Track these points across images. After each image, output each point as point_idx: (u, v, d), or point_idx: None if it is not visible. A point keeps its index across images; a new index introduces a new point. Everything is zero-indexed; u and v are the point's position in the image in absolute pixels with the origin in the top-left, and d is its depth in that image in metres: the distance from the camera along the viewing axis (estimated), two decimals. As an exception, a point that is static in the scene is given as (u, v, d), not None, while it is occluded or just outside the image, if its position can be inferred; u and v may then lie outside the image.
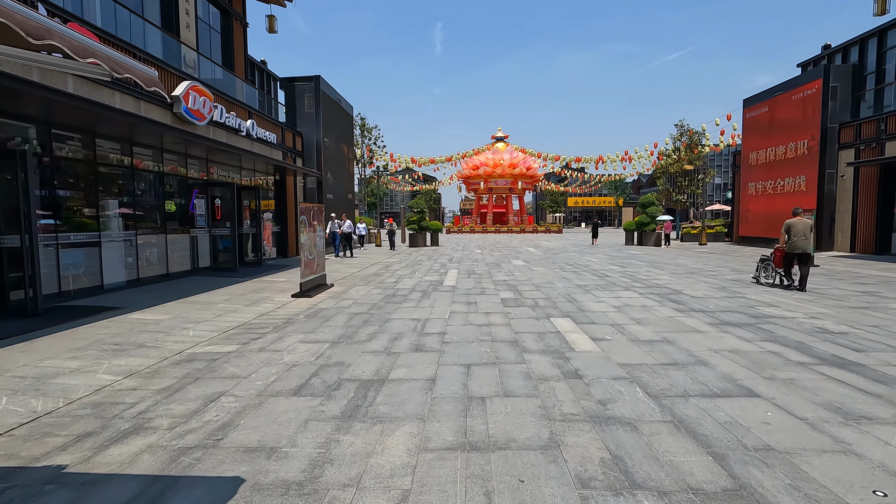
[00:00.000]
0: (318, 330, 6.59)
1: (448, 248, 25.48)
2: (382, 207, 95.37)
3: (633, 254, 20.70)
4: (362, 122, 35.28)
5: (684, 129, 34.81)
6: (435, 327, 6.68)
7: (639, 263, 16.13)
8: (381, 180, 66.60)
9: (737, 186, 26.53)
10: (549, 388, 4.24)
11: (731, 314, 7.39)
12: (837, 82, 18.86)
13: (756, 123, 23.56)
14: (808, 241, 9.89)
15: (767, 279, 10.98)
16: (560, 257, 19.13)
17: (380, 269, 14.94)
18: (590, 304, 8.40)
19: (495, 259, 18.40)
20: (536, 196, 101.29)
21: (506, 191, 57.92)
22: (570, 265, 15.71)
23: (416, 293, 9.86)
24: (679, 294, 9.41)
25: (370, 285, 11.12)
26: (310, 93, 19.37)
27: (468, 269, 14.49)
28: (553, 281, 11.61)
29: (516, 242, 32.40)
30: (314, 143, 19.56)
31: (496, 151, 57.18)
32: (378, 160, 38.21)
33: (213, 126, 12.79)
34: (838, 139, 18.82)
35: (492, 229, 53.94)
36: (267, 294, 9.69)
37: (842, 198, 18.76)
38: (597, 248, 25.47)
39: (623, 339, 5.89)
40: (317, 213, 10.39)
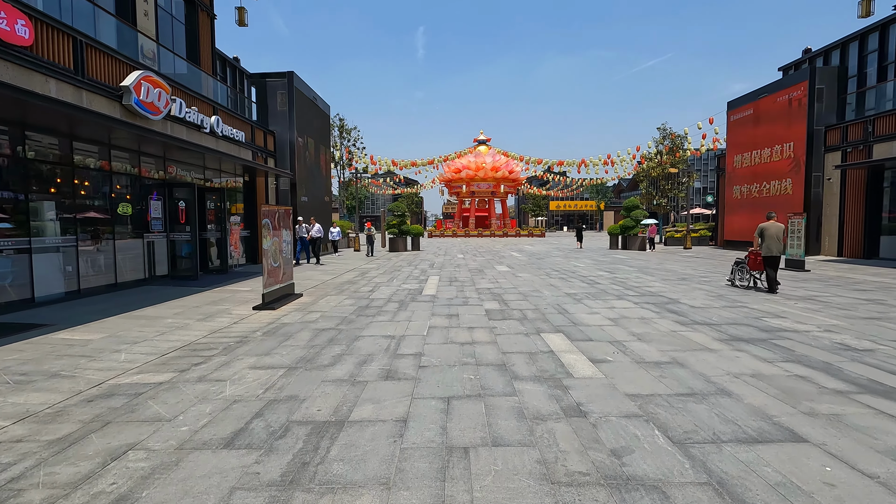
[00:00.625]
0: (274, 351, 5.67)
1: (429, 253, 24.63)
2: (364, 211, 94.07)
3: (619, 258, 20.15)
4: (341, 122, 34.26)
5: (667, 133, 34.67)
6: (411, 346, 5.83)
7: (627, 269, 15.53)
8: (362, 183, 65.51)
9: (721, 190, 26.31)
10: (547, 431, 3.43)
11: (739, 327, 6.70)
12: (823, 84, 18.65)
13: (740, 126, 23.33)
14: (781, 245, 10.21)
15: (742, 282, 11.14)
16: (545, 262, 18.45)
17: (356, 276, 14.01)
18: (583, 316, 7.64)
19: (478, 265, 17.61)
20: (519, 200, 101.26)
21: (488, 194, 57.38)
22: (557, 271, 15.01)
23: (393, 304, 8.98)
24: (676, 304, 8.73)
25: (343, 295, 10.20)
26: (282, 90, 18.36)
27: (450, 276, 13.66)
28: (540, 289, 10.85)
29: (499, 247, 31.72)
30: (287, 143, 18.53)
31: (478, 154, 56.62)
32: (358, 162, 37.19)
33: (171, 121, 11.73)
34: (824, 142, 18.59)
35: (474, 233, 53.29)
36: (225, 306, 8.70)
37: (828, 201, 18.51)
38: (582, 252, 24.92)
39: (626, 361, 5.12)
40: (283, 217, 9.45)
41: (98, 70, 9.52)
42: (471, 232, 53.56)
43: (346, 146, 35.23)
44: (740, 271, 11.21)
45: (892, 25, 20.98)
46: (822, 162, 18.67)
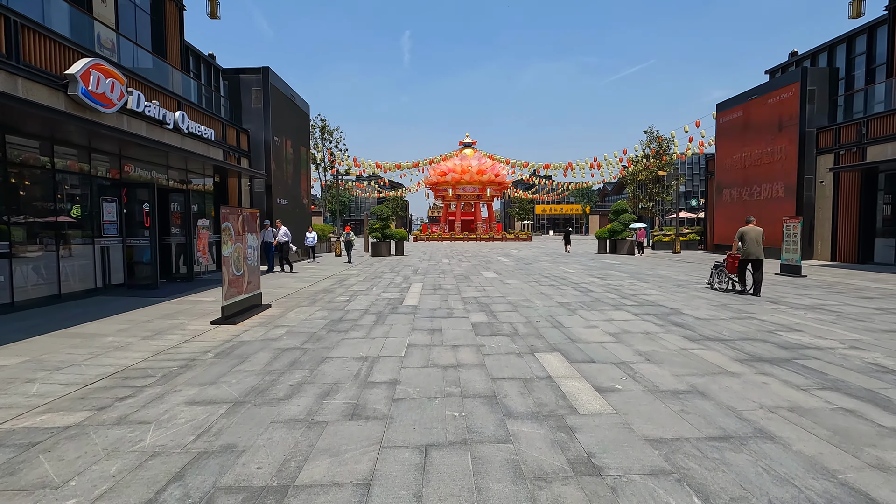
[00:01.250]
0: (223, 379, 4.78)
1: (413, 258, 23.77)
2: (348, 214, 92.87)
3: (609, 263, 19.53)
4: (322, 123, 33.27)
5: (653, 136, 34.38)
6: (385, 371, 4.98)
7: (619, 275, 14.87)
8: (346, 186, 64.39)
9: (710, 193, 25.95)
10: (553, 498, 2.61)
11: (755, 344, 5.99)
12: (815, 86, 18.32)
13: (730, 128, 22.98)
14: (761, 248, 10.36)
15: (721, 285, 11.29)
16: (534, 268, 17.73)
17: (333, 283, 13.09)
18: (580, 330, 6.88)
19: (464, 270, 16.81)
20: (505, 203, 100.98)
21: (474, 198, 56.74)
22: (547, 277, 14.28)
23: (370, 316, 8.12)
24: (680, 315, 8.03)
25: (316, 305, 9.30)
26: (257, 86, 17.38)
27: (434, 284, 12.83)
28: (531, 298, 10.08)
29: (486, 251, 31.00)
30: (262, 142, 17.54)
31: (464, 157, 56.00)
32: (340, 164, 36.20)
33: (128, 116, 10.73)
34: (816, 144, 18.24)
35: (460, 237, 52.58)
36: (180, 320, 7.75)
37: (821, 204, 18.15)
38: (570, 256, 24.30)
39: (638, 390, 4.34)
40: (248, 220, 8.53)
41: (38, 56, 8.52)
42: (456, 236, 52.83)
43: (327, 148, 34.23)
44: (718, 274, 11.40)
45: (880, 28, 20.82)
46: (815, 164, 18.32)
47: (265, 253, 15.28)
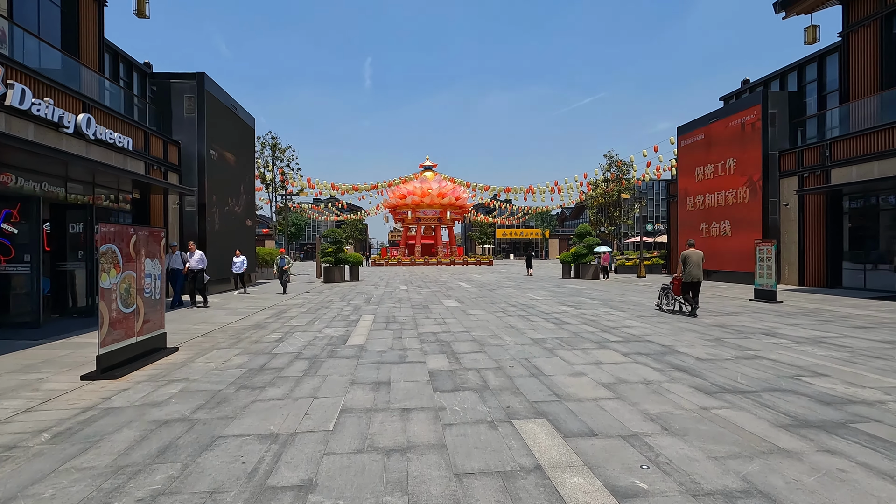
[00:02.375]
0: (33, 487, 3.02)
1: (369, 285, 22.01)
2: (304, 238, 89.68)
3: (576, 289, 18.48)
4: (274, 141, 31.36)
5: (613, 160, 34.41)
6: (298, 463, 3.36)
7: (591, 302, 13.73)
8: (301, 208, 61.94)
9: (672, 217, 25.70)
10: None
11: (786, 397, 4.75)
12: (776, 109, 18.26)
13: (692, 151, 22.84)
14: (701, 271, 10.80)
15: (668, 306, 11.67)
16: (498, 294, 16.40)
17: (270, 316, 11.25)
18: (565, 380, 5.46)
19: (423, 298, 15.26)
20: (465, 227, 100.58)
21: (434, 221, 55.60)
22: (514, 306, 12.94)
23: (301, 363, 6.43)
24: (675, 354, 6.78)
25: (237, 347, 7.50)
26: (191, 93, 15.52)
27: (387, 315, 11.21)
28: (499, 333, 8.65)
29: (446, 276, 29.58)
30: (195, 156, 15.59)
31: (424, 180, 55.01)
32: (293, 185, 34.22)
33: (6, 113, 8.75)
34: (779, 167, 18.07)
35: (420, 261, 51.06)
36: (41, 374, 5.81)
37: (787, 228, 17.86)
38: (534, 281, 23.20)
39: (673, 491, 2.92)
40: (146, 242, 6.74)
41: None
42: (416, 260, 51.30)
43: (279, 167, 32.24)
44: (666, 296, 11.74)
45: (830, 56, 21.32)
46: (778, 187, 18.11)
47: (171, 282, 12.43)
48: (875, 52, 15.90)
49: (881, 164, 14.26)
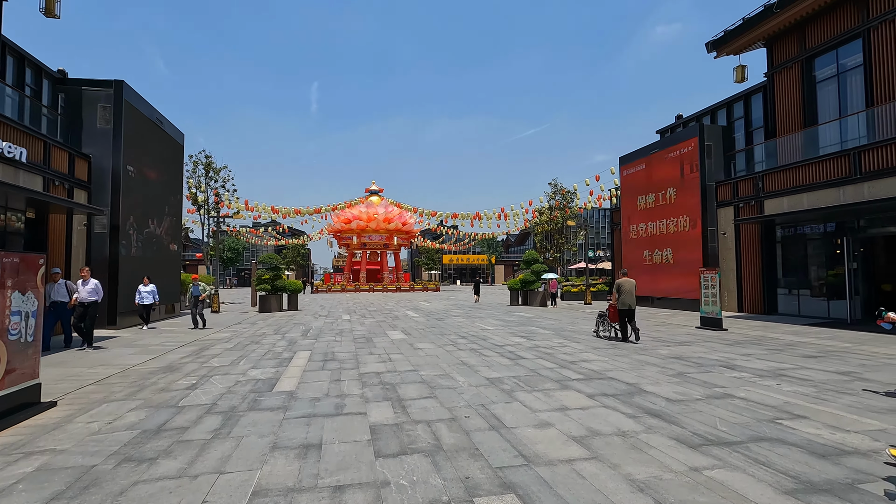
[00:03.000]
0: None
1: (309, 314, 20.54)
2: (242, 264, 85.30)
3: (526, 317, 18.03)
4: (208, 160, 29.37)
5: (558, 188, 35.10)
6: None
7: (543, 332, 13.21)
8: (236, 232, 58.84)
9: (616, 244, 26.19)
10: None
11: (775, 448, 4.22)
12: (711, 141, 19.05)
13: (634, 181, 23.45)
14: (634, 298, 11.16)
15: (605, 332, 12.12)
16: (447, 324, 15.58)
17: (188, 354, 9.79)
18: (530, 434, 4.69)
19: (367, 330, 14.17)
20: (412, 253, 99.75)
21: (380, 246, 54.36)
22: (464, 338, 12.16)
23: (213, 418, 5.27)
24: (642, 394, 6.21)
25: (135, 399, 6.18)
26: (106, 102, 13.90)
27: (326, 352, 10.07)
28: (451, 372, 7.81)
29: (392, 304, 28.45)
30: (109, 172, 13.87)
31: (370, 205, 53.91)
32: (228, 206, 32.12)
33: None
34: (716, 197, 18.74)
35: (365, 288, 49.49)
36: None
37: (725, 256, 18.43)
38: (483, 308, 22.62)
39: None
40: (15, 270, 5.42)
41: None
42: (361, 287, 49.68)
43: (213, 188, 30.17)
44: (603, 323, 12.17)
45: (755, 96, 22.79)
46: (716, 217, 18.74)
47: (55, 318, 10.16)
48: (797, 92, 16.97)
49: (809, 196, 14.98)
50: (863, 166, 13.52)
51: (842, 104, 15.80)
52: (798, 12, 16.28)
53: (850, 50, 15.50)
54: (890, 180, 12.81)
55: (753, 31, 17.83)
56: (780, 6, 16.40)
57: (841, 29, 15.61)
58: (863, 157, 13.54)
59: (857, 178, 13.61)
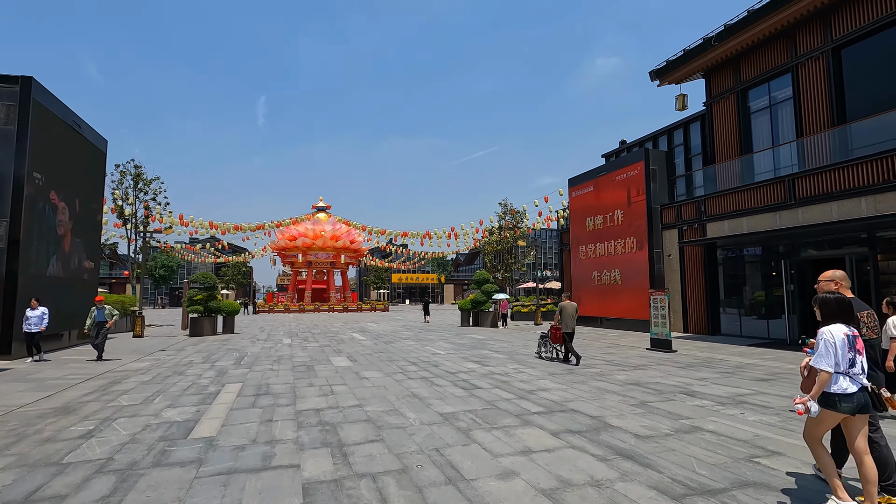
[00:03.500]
0: None
1: (246, 338, 19.01)
2: (176, 282, 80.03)
3: (478, 339, 17.50)
4: (137, 170, 27.18)
5: (507, 208, 35.31)
6: None
7: (497, 356, 12.68)
8: (171, 248, 55.19)
9: (566, 265, 26.39)
10: None
11: (763, 496, 3.80)
12: (656, 166, 19.59)
13: (583, 202, 23.78)
14: (574, 321, 11.53)
15: (547, 353, 12.29)
16: (396, 348, 14.75)
17: (93, 390, 8.43)
18: (493, 487, 4.03)
19: (309, 356, 13.09)
20: (360, 272, 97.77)
21: (327, 265, 52.59)
22: (414, 364, 11.40)
23: (104, 480, 4.24)
24: (609, 430, 5.74)
25: (9, 452, 4.99)
26: (10, 100, 12.25)
27: (260, 384, 9.01)
28: (400, 406, 7.04)
29: (338, 325, 27.15)
30: (10, 178, 12.16)
31: (317, 222, 52.20)
32: (160, 221, 29.82)
33: None
34: (661, 220, 19.20)
35: (310, 308, 47.51)
36: None
37: (670, 277, 18.82)
38: (433, 329, 21.90)
39: None
40: None
41: None
42: (306, 307, 47.64)
43: (143, 200, 27.92)
44: (545, 344, 12.34)
45: (692, 124, 23.90)
46: (661, 239, 19.17)
47: None
48: (734, 121, 17.81)
49: (749, 220, 15.55)
50: (797, 192, 14.17)
51: (774, 134, 16.69)
52: (733, 46, 17.17)
53: (781, 83, 16.46)
54: (822, 206, 13.45)
55: (693, 63, 18.66)
56: (718, 39, 17.24)
57: (772, 64, 16.57)
58: (797, 183, 14.20)
59: (791, 203, 14.23)
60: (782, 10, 15.32)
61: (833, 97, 14.68)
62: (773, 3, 15.47)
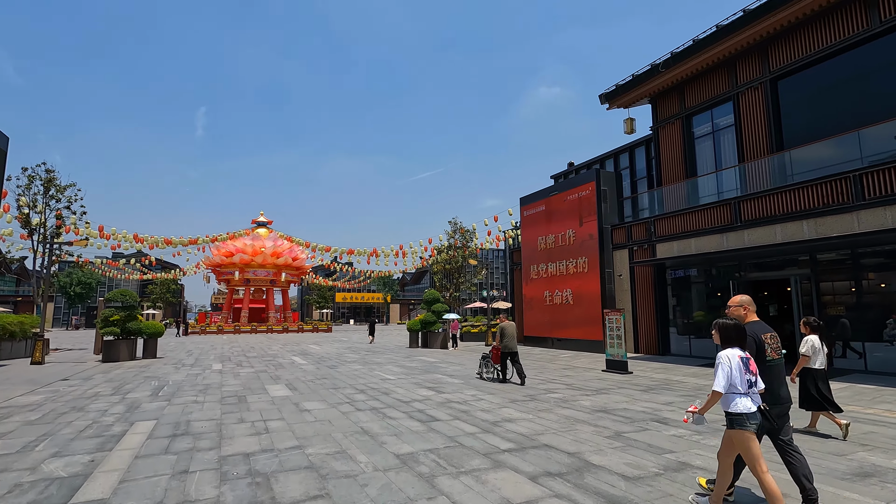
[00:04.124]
0: None
1: (170, 363, 17.01)
2: (94, 300, 73.09)
3: (429, 362, 16.57)
4: (49, 175, 24.29)
5: (457, 227, 34.92)
6: None
7: (452, 381, 11.84)
8: (88, 263, 50.35)
9: (516, 284, 26.10)
10: None
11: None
12: (606, 186, 19.78)
13: (534, 222, 23.68)
14: (515, 341, 11.69)
15: (489, 374, 12.23)
16: (341, 373, 13.54)
17: (-44, 435, 6.74)
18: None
19: (241, 384, 11.64)
20: (303, 290, 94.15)
21: (267, 283, 49.83)
22: (363, 392, 10.32)
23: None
24: (593, 470, 5.03)
25: None
26: None
27: (178, 420, 7.63)
28: (348, 446, 6.02)
29: (278, 347, 25.26)
30: None
31: (257, 238, 49.56)
32: (76, 232, 26.79)
33: None
34: (612, 240, 19.31)
35: (247, 329, 44.59)
36: None
37: (621, 297, 18.85)
38: (380, 352, 20.71)
39: None
40: None
41: None
42: (242, 327, 44.66)
43: (56, 209, 24.95)
44: (486, 365, 12.34)
45: (638, 149, 24.62)
46: (612, 259, 19.24)
47: None
48: (679, 145, 18.33)
49: (697, 241, 15.82)
50: (742, 215, 14.55)
51: (718, 158, 17.27)
52: (679, 74, 17.75)
53: (724, 111, 17.12)
54: (766, 228, 13.84)
55: (641, 88, 19.15)
56: (665, 66, 17.77)
57: (715, 92, 17.23)
58: (742, 206, 14.59)
59: (738, 225, 14.58)
60: (725, 40, 15.98)
61: (772, 125, 15.35)
62: (716, 33, 16.12)
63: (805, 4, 13.94)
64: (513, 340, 11.60)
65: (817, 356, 6.41)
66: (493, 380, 11.88)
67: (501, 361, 11.66)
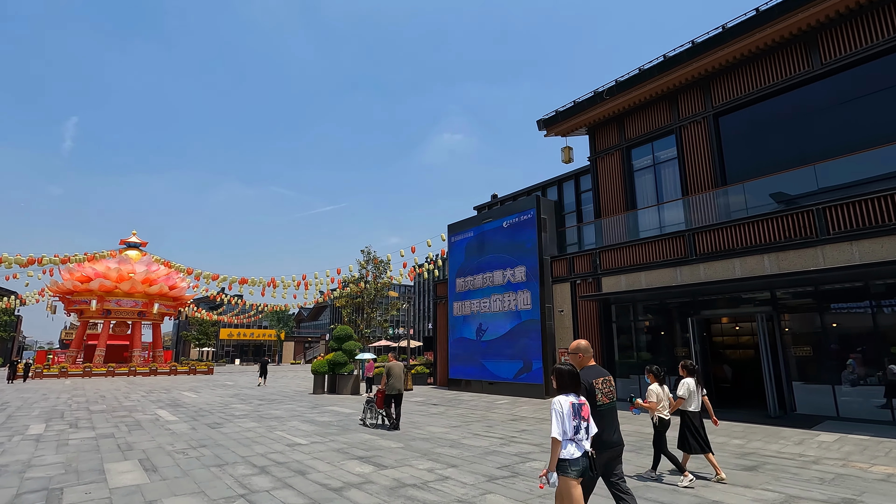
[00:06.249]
0: None
1: (-42, 425, 11.68)
2: None
3: (345, 414, 13.23)
4: None
5: (371, 257, 31.92)
6: None
7: (390, 446, 8.82)
8: None
9: (440, 320, 23.60)
10: None
11: None
12: (546, 215, 18.44)
13: (464, 252, 21.62)
14: (402, 382, 11.05)
15: (373, 419, 11.44)
16: (228, 436, 9.79)
17: None
18: None
19: (64, 462, 7.54)
20: (180, 325, 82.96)
21: (134, 315, 41.85)
22: (263, 471, 6.94)
23: None
24: None
25: None
26: None
27: None
28: None
29: (139, 396, 19.81)
30: None
31: (125, 261, 41.84)
32: None
33: None
34: (552, 272, 17.80)
35: (101, 371, 36.46)
36: None
37: (562, 335, 17.19)
38: (278, 399, 16.70)
39: None
40: None
41: None
42: (96, 369, 36.43)
43: None
44: (371, 409, 11.54)
45: (566, 182, 24.02)
46: (552, 293, 17.66)
47: None
48: (619, 177, 17.63)
49: (647, 275, 14.74)
50: (697, 248, 13.69)
51: (660, 191, 16.70)
52: (620, 104, 17.23)
53: (666, 143, 16.72)
54: (724, 262, 13.02)
55: (581, 116, 18.42)
56: (610, 94, 17.18)
57: (656, 124, 16.85)
58: (696, 238, 13.76)
59: (693, 259, 13.68)
60: (669, 72, 15.68)
61: (716, 159, 15.04)
62: (661, 64, 15.80)
63: (751, 41, 13.93)
64: (399, 381, 11.01)
65: (692, 399, 6.49)
66: (376, 426, 11.08)
67: (385, 405, 10.92)
